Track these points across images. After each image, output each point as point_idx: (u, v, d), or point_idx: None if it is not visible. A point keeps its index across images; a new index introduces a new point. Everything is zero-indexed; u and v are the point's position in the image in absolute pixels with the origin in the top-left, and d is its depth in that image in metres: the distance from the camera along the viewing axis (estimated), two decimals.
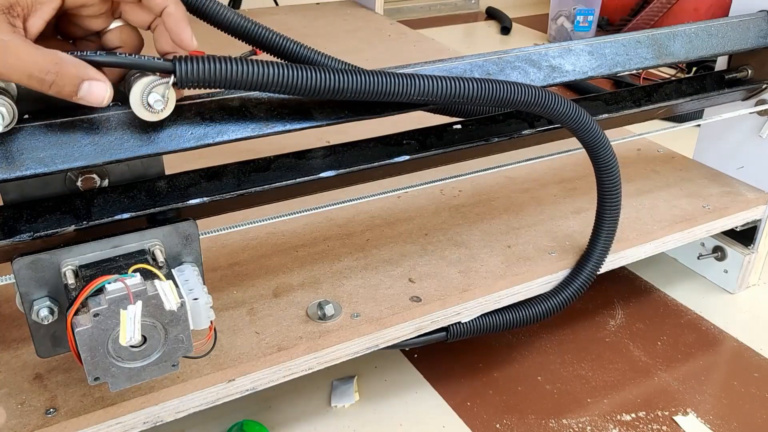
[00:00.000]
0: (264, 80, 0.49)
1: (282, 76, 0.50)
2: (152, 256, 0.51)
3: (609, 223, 0.75)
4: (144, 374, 0.49)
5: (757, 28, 0.84)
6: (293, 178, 0.58)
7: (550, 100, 0.61)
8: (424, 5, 2.43)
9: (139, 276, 0.47)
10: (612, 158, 0.70)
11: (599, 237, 0.76)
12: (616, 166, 0.71)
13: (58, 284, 0.50)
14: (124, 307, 0.46)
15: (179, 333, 0.49)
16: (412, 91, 0.54)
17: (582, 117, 0.65)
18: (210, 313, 0.50)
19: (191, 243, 0.53)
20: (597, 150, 0.68)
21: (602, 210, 0.74)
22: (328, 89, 0.51)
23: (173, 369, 0.50)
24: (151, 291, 0.47)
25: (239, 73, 0.48)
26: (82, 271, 0.49)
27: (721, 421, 0.79)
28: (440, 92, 0.55)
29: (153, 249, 0.52)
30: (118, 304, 0.46)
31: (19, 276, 0.49)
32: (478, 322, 0.75)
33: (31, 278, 0.49)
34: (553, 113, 0.62)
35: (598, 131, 0.67)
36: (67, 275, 0.49)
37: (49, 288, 0.50)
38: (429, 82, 0.54)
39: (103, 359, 0.47)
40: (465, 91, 0.56)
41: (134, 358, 0.48)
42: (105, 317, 0.46)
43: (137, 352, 0.48)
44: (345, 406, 0.79)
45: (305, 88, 0.51)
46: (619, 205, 0.74)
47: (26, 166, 0.47)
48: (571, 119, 0.64)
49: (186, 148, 0.52)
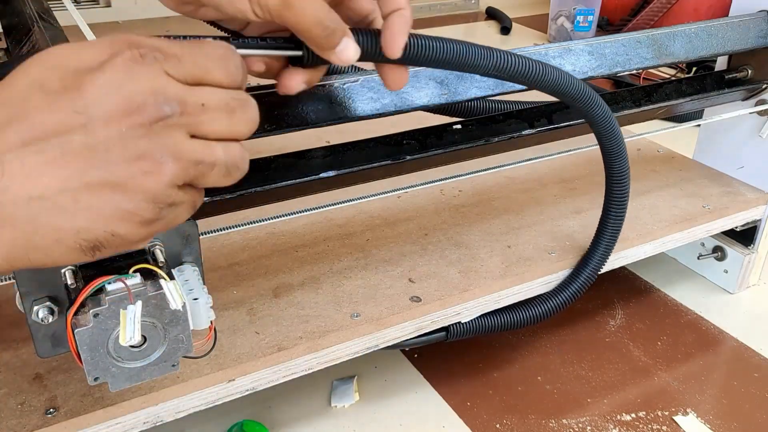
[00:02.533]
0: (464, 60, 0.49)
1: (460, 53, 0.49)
2: (152, 256, 0.51)
3: (615, 215, 0.75)
4: (144, 374, 0.49)
5: (757, 28, 0.84)
6: (293, 178, 0.58)
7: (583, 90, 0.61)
8: (424, 5, 2.43)
9: (139, 276, 0.47)
10: (623, 149, 0.70)
11: (604, 232, 0.76)
12: (625, 156, 0.71)
13: (58, 284, 0.50)
14: (124, 307, 0.45)
15: (179, 333, 0.49)
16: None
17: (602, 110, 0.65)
18: (210, 313, 0.50)
19: (191, 243, 0.53)
20: (610, 140, 0.68)
21: (609, 204, 0.74)
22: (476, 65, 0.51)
23: (173, 369, 0.50)
24: (151, 291, 0.47)
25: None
26: (81, 271, 0.49)
27: (721, 421, 0.79)
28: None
29: (153, 249, 0.51)
30: (118, 304, 0.46)
31: (19, 276, 0.49)
32: (477, 323, 0.75)
33: (31, 278, 0.49)
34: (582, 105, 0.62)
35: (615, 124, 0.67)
36: (66, 275, 0.49)
37: (49, 288, 0.50)
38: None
39: (103, 359, 0.47)
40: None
41: (134, 359, 0.48)
42: (105, 317, 0.46)
43: (137, 352, 0.48)
44: (345, 406, 0.79)
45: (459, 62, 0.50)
46: (626, 200, 0.74)
47: None
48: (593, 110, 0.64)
49: None
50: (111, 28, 1.63)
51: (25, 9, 0.78)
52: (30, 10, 0.78)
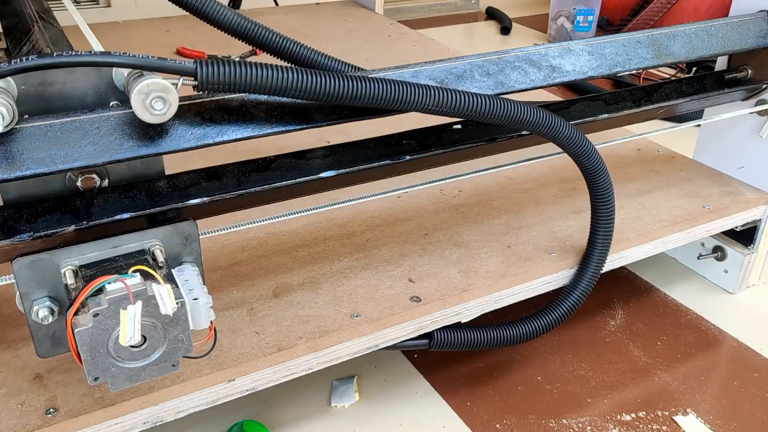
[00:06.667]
0: (284, 85, 0.49)
1: (302, 81, 0.50)
2: (152, 256, 0.51)
3: (604, 231, 0.76)
4: (144, 374, 0.49)
5: (757, 28, 0.84)
6: (293, 178, 0.58)
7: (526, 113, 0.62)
8: (424, 5, 2.43)
9: (139, 276, 0.47)
10: (602, 168, 0.70)
11: (594, 249, 0.77)
12: (606, 176, 0.71)
13: (58, 284, 0.50)
14: (124, 308, 0.45)
15: (179, 333, 0.49)
16: (427, 101, 0.55)
17: (568, 131, 0.65)
18: (210, 314, 0.50)
19: (191, 243, 0.53)
20: (585, 161, 0.69)
21: (596, 221, 0.75)
22: (347, 96, 0.52)
23: (173, 369, 0.50)
24: (151, 291, 0.47)
25: (260, 77, 0.48)
26: (82, 271, 0.49)
27: (721, 421, 0.79)
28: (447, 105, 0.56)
29: (153, 249, 0.52)
30: (118, 304, 0.46)
31: (19, 276, 0.49)
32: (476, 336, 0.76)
33: (32, 278, 0.49)
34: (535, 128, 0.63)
35: (583, 141, 0.68)
36: (66, 275, 0.49)
37: (49, 288, 0.50)
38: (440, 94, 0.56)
39: (103, 359, 0.47)
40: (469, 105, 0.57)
41: (134, 358, 0.48)
42: (105, 317, 0.46)
43: (137, 352, 0.48)
44: (345, 406, 0.79)
45: (324, 94, 0.51)
46: (612, 216, 0.75)
47: (26, 166, 0.47)
48: (558, 134, 0.65)
49: (186, 148, 0.52)
50: (111, 27, 1.63)
51: (25, 9, 0.79)
52: (30, 10, 0.78)
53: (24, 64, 0.44)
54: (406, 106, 0.55)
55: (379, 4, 1.77)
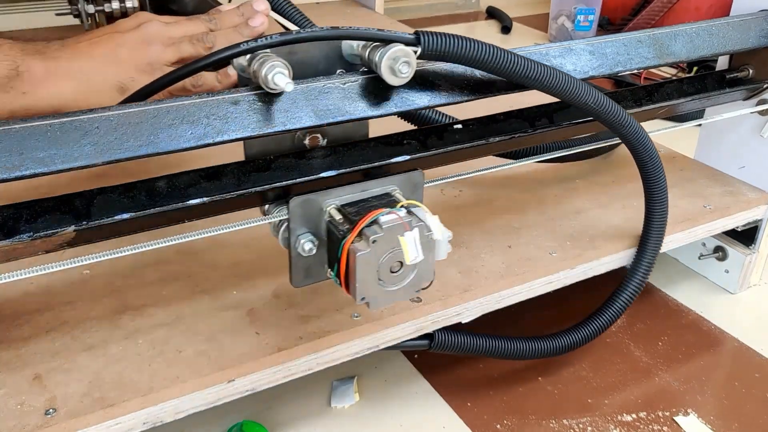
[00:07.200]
0: (492, 63, 0.57)
1: (508, 62, 0.57)
2: (395, 199, 0.58)
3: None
4: (396, 296, 0.56)
5: (758, 27, 0.84)
6: (293, 178, 0.58)
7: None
8: (424, 5, 2.43)
9: (404, 210, 0.55)
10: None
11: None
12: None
13: (318, 222, 0.57)
14: (401, 234, 0.53)
15: (428, 261, 0.56)
16: None
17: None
18: (448, 246, 0.57)
19: (417, 190, 0.61)
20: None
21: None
22: (533, 79, 0.59)
23: (416, 294, 0.58)
24: (415, 222, 0.54)
25: (469, 49, 0.56)
26: (345, 209, 0.56)
27: (722, 422, 0.79)
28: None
29: (394, 192, 0.59)
30: (394, 231, 0.53)
31: (293, 212, 0.56)
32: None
33: (301, 215, 0.56)
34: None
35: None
36: (332, 213, 0.56)
37: (311, 225, 0.57)
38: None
39: (372, 282, 0.54)
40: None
41: (392, 283, 0.55)
42: (381, 243, 0.53)
43: (396, 276, 0.55)
44: (345, 407, 0.79)
45: (516, 74, 0.58)
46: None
47: (26, 166, 0.47)
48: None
49: (186, 148, 0.52)
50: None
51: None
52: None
53: (293, 37, 0.53)
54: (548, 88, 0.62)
55: (379, 4, 1.77)
